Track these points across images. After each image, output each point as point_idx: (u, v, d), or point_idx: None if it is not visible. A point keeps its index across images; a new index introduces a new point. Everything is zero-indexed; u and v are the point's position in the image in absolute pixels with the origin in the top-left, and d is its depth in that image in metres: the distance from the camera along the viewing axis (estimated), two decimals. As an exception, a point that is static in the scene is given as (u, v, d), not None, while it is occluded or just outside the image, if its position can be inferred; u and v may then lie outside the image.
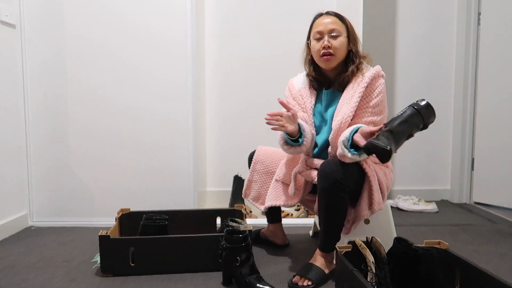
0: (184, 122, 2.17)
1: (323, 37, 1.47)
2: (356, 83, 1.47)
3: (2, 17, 1.96)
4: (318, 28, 1.49)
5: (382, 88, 1.45)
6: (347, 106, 1.45)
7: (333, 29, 1.46)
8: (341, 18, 1.50)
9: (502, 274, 1.48)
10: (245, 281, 1.33)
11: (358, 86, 1.45)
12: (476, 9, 2.62)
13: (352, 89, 1.47)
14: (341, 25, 1.49)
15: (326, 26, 1.47)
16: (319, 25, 1.49)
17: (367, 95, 1.44)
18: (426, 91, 2.79)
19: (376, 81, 1.45)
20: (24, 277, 1.50)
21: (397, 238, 1.25)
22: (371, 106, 1.43)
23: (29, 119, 2.14)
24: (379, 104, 1.44)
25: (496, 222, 2.23)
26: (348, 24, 1.51)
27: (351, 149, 1.31)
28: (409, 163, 2.83)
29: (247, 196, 1.77)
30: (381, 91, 1.45)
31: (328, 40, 1.46)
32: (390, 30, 2.78)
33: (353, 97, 1.45)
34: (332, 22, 1.48)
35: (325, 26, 1.48)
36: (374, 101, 1.44)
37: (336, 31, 1.46)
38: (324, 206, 1.39)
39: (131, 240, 1.51)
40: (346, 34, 1.49)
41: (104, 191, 2.19)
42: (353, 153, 1.31)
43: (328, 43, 1.46)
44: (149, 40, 2.13)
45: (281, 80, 1.89)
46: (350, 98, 1.45)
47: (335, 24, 1.48)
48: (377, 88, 1.45)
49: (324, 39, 1.47)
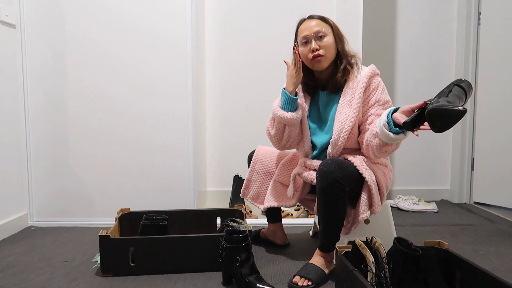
0: (184, 122, 2.17)
1: (310, 41, 1.48)
2: (354, 84, 1.47)
3: (2, 17, 1.96)
4: (304, 33, 1.50)
5: (379, 82, 1.48)
6: (349, 108, 1.45)
7: (318, 31, 1.48)
8: (324, 20, 1.52)
9: (502, 274, 1.48)
10: (245, 281, 1.33)
11: (357, 87, 1.46)
12: (476, 9, 2.62)
13: (351, 91, 1.47)
14: (325, 25, 1.50)
15: (311, 29, 1.48)
16: (304, 30, 1.50)
17: (368, 94, 1.46)
18: (426, 91, 2.79)
19: (373, 79, 1.48)
20: (24, 277, 1.50)
21: (397, 238, 1.25)
22: (375, 101, 1.45)
23: (29, 119, 2.14)
24: (382, 98, 1.46)
25: (496, 222, 2.23)
26: (332, 24, 1.52)
27: (394, 128, 1.29)
28: (409, 163, 2.83)
29: (245, 195, 1.77)
30: (379, 85, 1.48)
31: (316, 43, 1.47)
32: (390, 30, 2.78)
33: (353, 98, 1.45)
34: (316, 24, 1.49)
35: (310, 29, 1.48)
36: (376, 97, 1.46)
37: (321, 32, 1.48)
38: (323, 206, 1.40)
39: (131, 240, 1.51)
40: (332, 34, 1.50)
41: (104, 191, 2.19)
42: (397, 132, 1.28)
43: (316, 46, 1.47)
44: (149, 40, 2.13)
45: (281, 80, 1.88)
46: (351, 100, 1.46)
47: (319, 25, 1.49)
48: (379, 86, 1.47)
49: (311, 43, 1.47)
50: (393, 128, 1.29)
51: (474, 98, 2.66)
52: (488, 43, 2.55)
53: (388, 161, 1.62)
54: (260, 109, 2.53)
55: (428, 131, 1.21)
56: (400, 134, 1.29)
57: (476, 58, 2.64)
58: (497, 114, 2.50)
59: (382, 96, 1.47)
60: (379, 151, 1.38)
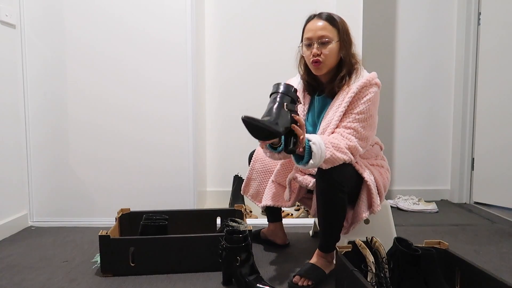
0: (184, 123, 2.17)
1: (313, 44, 1.43)
2: (346, 91, 1.43)
3: (2, 17, 1.96)
4: (308, 34, 1.45)
5: (372, 97, 1.39)
6: (334, 114, 1.42)
7: (323, 35, 1.42)
8: (332, 22, 1.44)
9: (502, 274, 1.48)
10: (245, 281, 1.33)
11: (347, 94, 1.41)
12: (476, 9, 2.62)
13: (341, 98, 1.43)
14: (332, 30, 1.43)
15: (315, 32, 1.43)
16: (309, 31, 1.45)
17: (353, 102, 1.40)
18: (426, 91, 2.80)
19: (367, 89, 1.40)
20: (24, 277, 1.50)
21: (397, 238, 1.25)
22: (355, 113, 1.39)
23: (29, 119, 2.14)
24: (364, 111, 1.38)
25: (496, 222, 2.23)
26: (341, 27, 1.44)
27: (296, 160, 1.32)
28: (409, 163, 2.83)
29: (246, 193, 1.78)
30: (370, 99, 1.39)
31: (318, 47, 1.42)
32: (390, 30, 2.78)
33: (340, 106, 1.42)
34: (322, 27, 1.42)
35: (314, 32, 1.43)
36: (359, 108, 1.39)
37: (325, 37, 1.42)
38: (323, 207, 1.39)
39: (131, 240, 1.51)
40: (337, 39, 1.44)
41: (104, 191, 2.19)
42: (297, 161, 1.32)
43: (317, 51, 1.42)
44: (149, 43, 2.13)
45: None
46: (337, 107, 1.42)
47: (325, 30, 1.42)
48: (366, 96, 1.39)
49: (313, 46, 1.43)
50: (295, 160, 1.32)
51: (474, 98, 2.66)
52: (488, 43, 2.55)
53: (385, 162, 1.62)
54: (260, 111, 2.50)
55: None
56: (302, 163, 1.29)
57: (476, 58, 2.64)
58: (497, 114, 2.50)
59: (367, 112, 1.39)
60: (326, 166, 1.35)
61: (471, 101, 2.67)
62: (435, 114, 2.81)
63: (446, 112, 2.80)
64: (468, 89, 2.67)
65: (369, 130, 1.42)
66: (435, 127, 2.81)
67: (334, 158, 1.30)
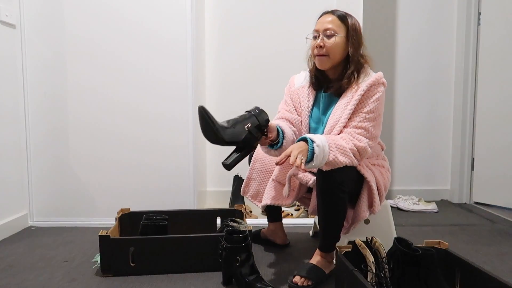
0: (184, 122, 2.17)
1: (319, 35, 1.45)
2: (354, 90, 1.43)
3: (2, 17, 1.96)
4: (316, 26, 1.47)
5: (380, 96, 1.41)
6: (342, 112, 1.42)
7: (328, 28, 1.42)
8: (342, 19, 1.45)
9: (502, 274, 1.48)
10: (245, 281, 1.33)
11: (355, 93, 1.41)
12: (476, 9, 2.62)
13: (349, 96, 1.43)
14: (340, 25, 1.44)
15: (322, 25, 1.44)
16: (317, 24, 1.47)
17: (362, 101, 1.40)
18: (426, 91, 2.80)
19: (375, 88, 1.41)
20: (24, 277, 1.50)
21: (397, 238, 1.25)
22: (365, 112, 1.39)
23: (29, 119, 2.14)
24: (373, 110, 1.39)
25: (496, 222, 2.23)
26: (350, 26, 1.45)
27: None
28: (409, 163, 2.83)
29: (245, 193, 1.77)
30: (378, 98, 1.40)
31: (322, 39, 1.43)
32: (390, 30, 2.78)
33: (348, 104, 1.41)
34: (329, 21, 1.44)
35: (321, 25, 1.45)
36: (368, 107, 1.39)
37: (331, 30, 1.42)
38: (323, 207, 1.39)
39: (131, 240, 1.51)
40: (344, 34, 1.44)
41: (104, 191, 2.19)
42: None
43: (321, 43, 1.43)
44: (149, 40, 2.13)
45: (281, 80, 1.89)
46: (346, 105, 1.42)
47: (332, 23, 1.43)
48: (375, 95, 1.40)
49: (318, 37, 1.45)
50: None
51: (474, 98, 2.66)
52: (488, 43, 2.55)
53: (386, 162, 1.62)
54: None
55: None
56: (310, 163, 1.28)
57: (476, 58, 2.64)
58: (497, 114, 2.50)
59: (376, 112, 1.40)
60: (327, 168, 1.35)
61: (471, 101, 2.67)
62: (435, 114, 2.80)
63: (446, 112, 2.80)
64: (468, 89, 2.67)
65: (377, 129, 1.43)
66: (435, 127, 2.81)
67: (335, 161, 1.31)
